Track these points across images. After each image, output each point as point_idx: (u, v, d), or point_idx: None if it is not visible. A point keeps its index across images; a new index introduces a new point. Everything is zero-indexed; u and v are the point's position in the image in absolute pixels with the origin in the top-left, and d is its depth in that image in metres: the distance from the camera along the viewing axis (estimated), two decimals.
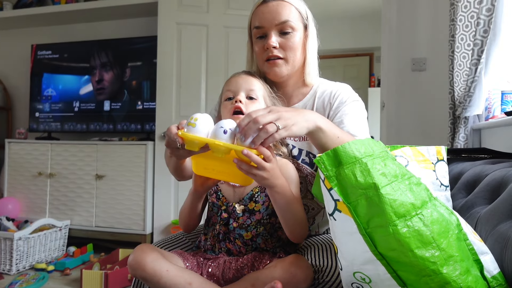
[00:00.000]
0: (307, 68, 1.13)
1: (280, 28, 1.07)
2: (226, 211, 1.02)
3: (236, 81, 1.03)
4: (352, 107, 1.09)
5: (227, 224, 1.02)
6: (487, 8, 1.68)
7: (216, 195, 1.04)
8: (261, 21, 1.08)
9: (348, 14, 4.57)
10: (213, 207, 1.06)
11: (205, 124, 0.82)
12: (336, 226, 0.73)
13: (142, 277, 0.89)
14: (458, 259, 0.66)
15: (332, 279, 0.92)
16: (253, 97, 1.01)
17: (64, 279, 2.36)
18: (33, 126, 3.23)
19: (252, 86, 1.02)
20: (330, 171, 0.71)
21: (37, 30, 3.51)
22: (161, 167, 2.75)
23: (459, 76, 1.81)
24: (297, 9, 1.09)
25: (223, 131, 0.80)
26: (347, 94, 1.12)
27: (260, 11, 1.08)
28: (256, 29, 1.10)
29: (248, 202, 1.01)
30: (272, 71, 1.09)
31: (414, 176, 0.72)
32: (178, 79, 2.77)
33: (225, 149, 0.79)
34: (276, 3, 1.07)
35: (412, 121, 2.44)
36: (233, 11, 2.76)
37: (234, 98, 0.99)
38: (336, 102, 1.10)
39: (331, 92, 1.14)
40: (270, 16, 1.06)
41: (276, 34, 1.07)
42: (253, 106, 0.99)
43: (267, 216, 1.02)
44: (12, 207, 2.92)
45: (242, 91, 1.00)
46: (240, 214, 1.00)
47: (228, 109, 0.99)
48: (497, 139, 1.71)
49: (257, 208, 1.01)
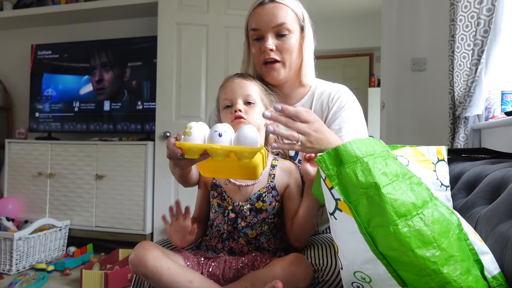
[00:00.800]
0: (304, 69, 1.14)
1: (276, 30, 1.08)
2: (233, 211, 1.03)
3: (231, 88, 1.03)
4: (350, 112, 1.11)
5: (234, 223, 1.03)
6: (488, 8, 1.68)
7: (221, 197, 1.05)
8: (258, 24, 1.09)
9: (348, 14, 4.57)
10: (218, 208, 1.06)
11: (200, 131, 0.82)
12: (336, 225, 0.73)
13: (143, 274, 0.89)
14: (458, 259, 0.66)
15: (332, 278, 0.93)
16: (251, 102, 1.02)
17: (64, 279, 2.36)
18: (33, 126, 3.23)
19: (248, 91, 1.03)
20: (331, 170, 0.71)
21: (37, 30, 3.51)
22: (161, 167, 2.75)
23: (459, 76, 1.81)
24: (293, 11, 1.10)
25: (218, 134, 0.80)
26: (345, 98, 1.14)
27: (257, 13, 1.09)
28: (253, 31, 1.11)
29: (256, 202, 1.02)
30: (270, 75, 1.10)
31: (415, 176, 0.72)
32: (178, 79, 2.77)
33: (223, 152, 0.79)
34: (273, 5, 1.08)
35: (412, 121, 2.44)
36: (233, 11, 2.76)
37: (233, 107, 1.00)
38: (335, 107, 1.12)
39: (330, 95, 1.15)
40: (266, 19, 1.07)
41: (273, 37, 1.08)
42: (253, 111, 1.01)
43: (271, 216, 1.04)
44: (12, 207, 2.92)
45: (239, 98, 1.01)
46: (248, 213, 1.02)
47: (228, 119, 1.01)
48: (497, 139, 1.71)
49: (265, 208, 1.02)
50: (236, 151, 0.79)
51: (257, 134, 0.81)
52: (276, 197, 1.04)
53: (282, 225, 1.07)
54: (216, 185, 1.07)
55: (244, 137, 0.79)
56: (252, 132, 0.80)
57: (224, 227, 1.04)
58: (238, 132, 0.80)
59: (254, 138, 0.80)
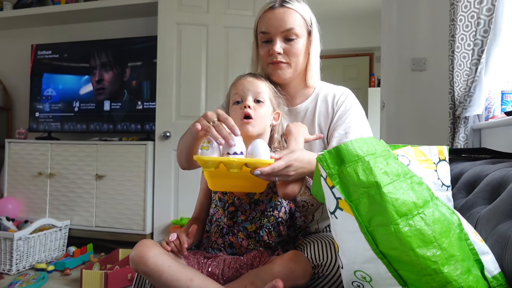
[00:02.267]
0: (309, 72, 1.19)
1: (285, 35, 1.12)
2: (233, 204, 1.04)
3: (243, 85, 1.07)
4: (355, 117, 1.15)
5: (234, 217, 1.04)
6: (488, 8, 1.68)
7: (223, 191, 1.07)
8: (267, 27, 1.13)
9: (348, 14, 4.57)
10: (219, 202, 1.07)
11: (215, 146, 0.92)
12: (337, 224, 0.73)
13: (144, 272, 0.90)
14: (459, 259, 0.66)
15: (331, 273, 0.94)
16: (260, 100, 1.06)
17: (64, 279, 2.36)
18: (33, 126, 3.23)
19: (259, 89, 1.06)
20: (332, 169, 0.71)
21: (37, 30, 3.51)
22: (161, 167, 2.75)
23: (459, 76, 1.82)
24: (302, 16, 1.14)
25: (234, 152, 0.90)
26: (350, 102, 1.18)
27: (267, 17, 1.13)
28: (262, 34, 1.15)
29: (253, 194, 1.04)
30: (276, 73, 1.14)
31: (416, 176, 0.72)
32: (178, 79, 2.77)
33: (237, 164, 0.89)
34: (283, 10, 1.12)
35: (412, 121, 2.44)
36: (233, 11, 2.76)
37: (243, 103, 1.04)
38: (340, 111, 1.16)
39: (334, 97, 1.19)
40: (276, 23, 1.11)
41: (281, 40, 1.12)
42: (261, 109, 1.05)
43: (270, 208, 1.05)
44: (12, 207, 2.92)
45: (249, 95, 1.05)
46: (248, 206, 1.03)
47: (237, 114, 1.04)
48: (497, 139, 1.71)
49: (262, 199, 1.04)
50: (250, 163, 0.88)
51: (268, 149, 0.91)
52: (273, 188, 1.05)
53: (282, 219, 1.08)
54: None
55: (257, 150, 0.90)
56: (265, 147, 0.91)
57: (224, 220, 1.05)
58: (252, 146, 0.90)
59: (267, 152, 0.90)
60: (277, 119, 1.11)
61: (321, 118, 1.18)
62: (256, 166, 0.88)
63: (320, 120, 1.18)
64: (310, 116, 1.19)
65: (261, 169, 0.88)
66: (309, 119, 1.19)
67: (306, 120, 1.19)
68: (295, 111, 1.20)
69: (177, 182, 2.75)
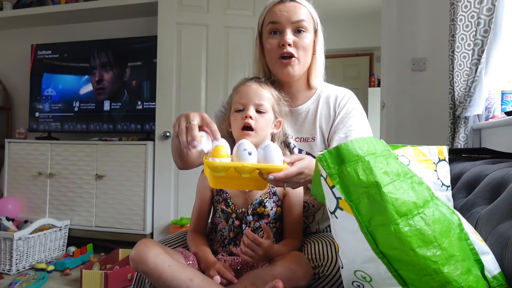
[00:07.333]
0: (314, 72, 1.17)
1: (295, 26, 1.10)
2: (237, 218, 1.04)
3: (246, 93, 1.05)
4: (356, 120, 1.13)
5: (239, 232, 1.04)
6: (488, 8, 1.68)
7: (226, 202, 1.06)
8: (278, 17, 1.11)
9: (348, 14, 4.57)
10: (221, 213, 1.07)
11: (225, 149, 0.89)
12: (337, 224, 0.73)
13: (144, 271, 0.90)
14: (459, 259, 0.66)
15: (332, 273, 0.94)
16: (261, 111, 1.04)
17: (64, 279, 2.36)
18: (33, 126, 3.23)
19: (261, 100, 1.04)
20: (332, 169, 0.71)
21: (37, 30, 3.51)
22: (161, 167, 2.75)
23: (459, 76, 1.81)
24: (310, 13, 1.14)
25: (248, 153, 0.87)
26: (352, 104, 1.16)
27: (277, 9, 1.12)
28: (271, 24, 1.12)
29: (258, 207, 1.04)
30: (286, 71, 1.11)
31: (416, 175, 0.72)
32: (178, 79, 2.77)
33: (249, 169, 0.87)
34: (293, 4, 1.11)
35: (412, 121, 2.44)
36: (233, 11, 2.76)
37: (244, 112, 1.02)
38: (341, 114, 1.15)
39: (336, 100, 1.17)
40: (287, 14, 1.10)
41: (291, 32, 1.10)
42: (262, 119, 1.03)
43: (273, 221, 1.06)
44: (12, 207, 2.92)
45: (251, 105, 1.03)
46: (251, 218, 1.03)
47: (238, 123, 1.03)
48: (497, 139, 1.71)
49: (266, 213, 1.04)
50: (263, 169, 0.86)
51: (281, 152, 0.88)
52: (277, 202, 1.05)
53: (283, 230, 1.09)
54: (221, 190, 1.08)
55: (270, 155, 0.87)
56: (277, 151, 0.88)
57: (227, 232, 1.06)
58: (265, 151, 0.88)
59: (280, 156, 0.88)
60: (278, 127, 1.10)
61: (323, 120, 1.16)
62: (269, 172, 0.86)
63: (321, 122, 1.16)
64: (312, 117, 1.17)
65: (275, 175, 0.86)
66: (311, 121, 1.17)
67: (307, 121, 1.17)
68: (296, 112, 1.18)
69: (177, 182, 2.75)
